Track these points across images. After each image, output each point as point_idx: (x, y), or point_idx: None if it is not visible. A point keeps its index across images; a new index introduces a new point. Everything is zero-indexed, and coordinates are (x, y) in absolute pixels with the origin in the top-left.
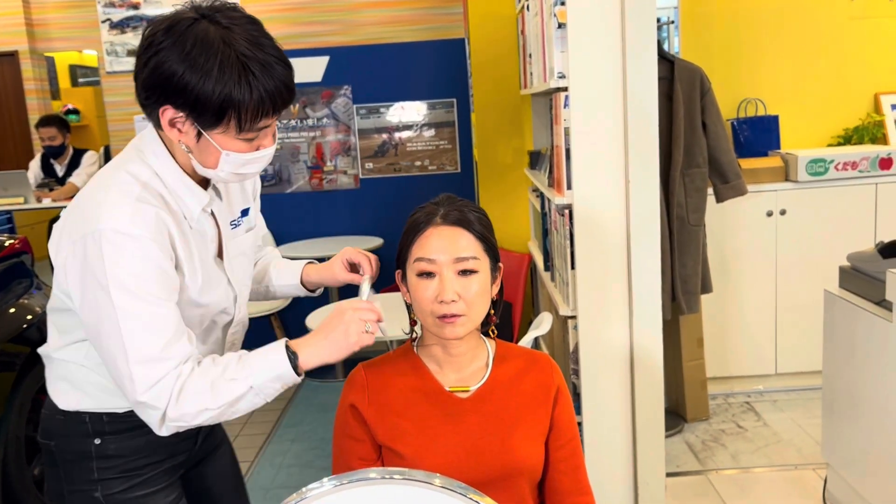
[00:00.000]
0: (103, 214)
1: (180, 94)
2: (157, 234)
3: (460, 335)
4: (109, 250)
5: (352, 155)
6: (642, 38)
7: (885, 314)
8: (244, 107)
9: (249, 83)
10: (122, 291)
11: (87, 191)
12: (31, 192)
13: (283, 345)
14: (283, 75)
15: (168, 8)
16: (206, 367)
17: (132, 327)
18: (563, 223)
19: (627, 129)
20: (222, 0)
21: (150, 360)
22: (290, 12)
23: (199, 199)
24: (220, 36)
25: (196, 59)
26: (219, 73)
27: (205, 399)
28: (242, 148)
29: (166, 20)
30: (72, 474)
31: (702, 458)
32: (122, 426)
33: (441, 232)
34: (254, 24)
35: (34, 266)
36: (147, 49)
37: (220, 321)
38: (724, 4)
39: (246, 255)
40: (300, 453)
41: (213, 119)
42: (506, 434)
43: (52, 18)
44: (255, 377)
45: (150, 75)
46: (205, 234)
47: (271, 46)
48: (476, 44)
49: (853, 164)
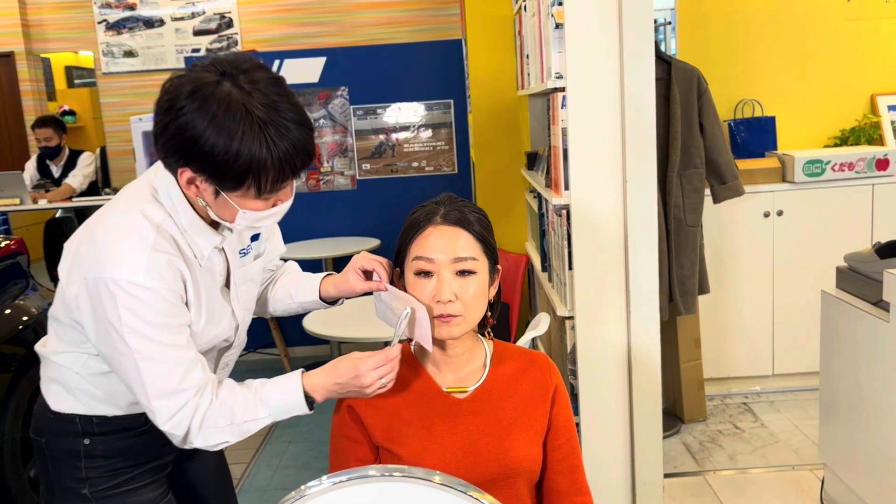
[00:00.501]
0: (118, 264)
1: (202, 159)
2: (170, 283)
3: (456, 335)
4: (124, 299)
5: (349, 156)
6: (639, 38)
7: (882, 315)
8: (264, 173)
9: (270, 151)
10: (138, 336)
11: (102, 226)
12: (27, 193)
13: (301, 389)
14: (302, 140)
15: (164, 10)
16: (225, 401)
17: (148, 367)
18: (561, 224)
19: (625, 129)
20: (245, 55)
21: (168, 393)
22: (288, 13)
23: (211, 240)
24: (241, 101)
25: (219, 127)
26: (240, 141)
27: (226, 435)
28: (260, 207)
29: (190, 82)
30: (60, 471)
31: (699, 458)
32: (110, 428)
33: (440, 231)
34: (275, 85)
35: (30, 267)
36: (169, 111)
37: (218, 346)
38: (721, 6)
39: (254, 281)
40: (297, 454)
41: (232, 184)
42: (503, 434)
43: (48, 19)
44: (273, 416)
45: (172, 139)
46: (214, 268)
47: (291, 110)
48: (473, 45)
49: (850, 165)
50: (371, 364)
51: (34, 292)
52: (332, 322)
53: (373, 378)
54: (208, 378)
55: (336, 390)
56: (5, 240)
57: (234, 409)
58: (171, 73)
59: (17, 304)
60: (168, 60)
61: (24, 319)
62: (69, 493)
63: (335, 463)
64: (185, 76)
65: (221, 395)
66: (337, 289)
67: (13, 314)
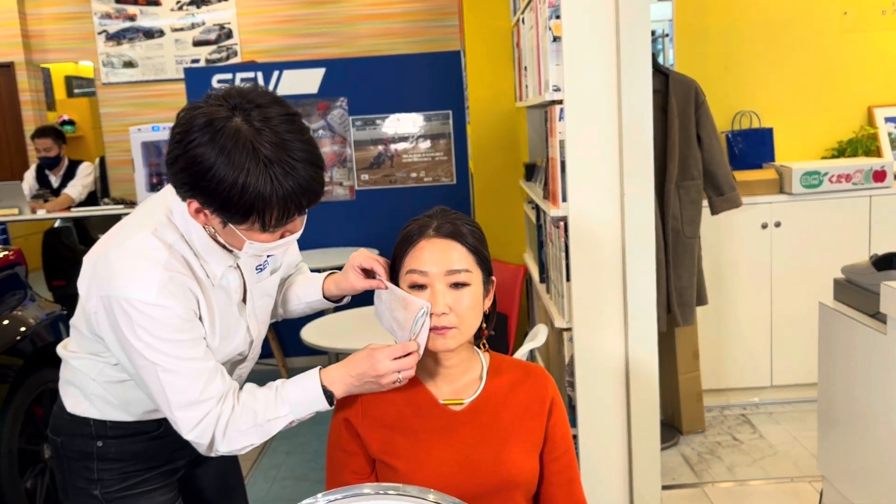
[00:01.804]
0: (131, 283)
1: (209, 192)
2: (182, 300)
3: (451, 347)
4: (138, 318)
5: (348, 166)
6: (637, 50)
7: (880, 327)
8: (269, 210)
9: (275, 189)
10: (155, 352)
11: (117, 244)
12: (25, 203)
13: (319, 384)
14: (308, 180)
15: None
16: (246, 404)
17: (169, 380)
18: (559, 235)
19: (622, 141)
20: (263, 90)
21: (190, 404)
22: (287, 24)
23: (224, 260)
24: (250, 138)
25: (227, 162)
26: (246, 176)
27: (250, 437)
28: (267, 239)
29: (203, 114)
30: (74, 471)
31: (698, 470)
32: (123, 432)
33: (434, 244)
34: (288, 122)
35: (28, 277)
36: (180, 143)
37: (233, 360)
38: (719, 17)
39: (270, 295)
40: (295, 466)
41: (238, 218)
42: (500, 447)
43: (48, 30)
44: (295, 413)
45: (183, 170)
46: (229, 286)
47: (301, 149)
48: (472, 56)
49: (847, 177)
50: (387, 353)
51: (32, 303)
52: (329, 333)
53: (388, 368)
54: (229, 386)
55: (353, 382)
56: (3, 250)
57: (255, 411)
58: (187, 104)
59: (15, 314)
60: (168, 71)
61: (22, 330)
62: (82, 493)
63: (331, 475)
64: (200, 108)
65: (243, 399)
66: (338, 287)
67: (11, 325)
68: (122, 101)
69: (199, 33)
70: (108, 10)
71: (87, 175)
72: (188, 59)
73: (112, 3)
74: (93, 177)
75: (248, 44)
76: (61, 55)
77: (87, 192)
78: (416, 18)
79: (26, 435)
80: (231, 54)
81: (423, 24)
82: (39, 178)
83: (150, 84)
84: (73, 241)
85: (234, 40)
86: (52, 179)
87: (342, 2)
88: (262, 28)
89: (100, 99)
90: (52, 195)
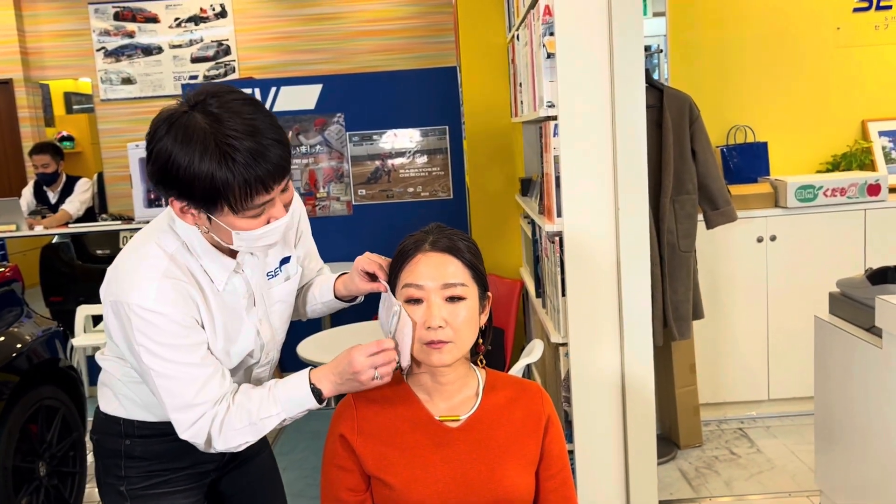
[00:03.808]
0: (132, 289)
1: (174, 182)
2: (181, 307)
3: (447, 362)
4: (138, 322)
5: (345, 181)
6: (631, 66)
7: (875, 340)
8: (230, 191)
9: (231, 168)
10: (152, 356)
11: (126, 252)
12: (23, 219)
13: (308, 383)
14: (262, 152)
15: (163, 37)
16: (241, 403)
17: (166, 384)
18: (554, 250)
19: (617, 156)
20: (226, 84)
21: (185, 406)
22: (284, 41)
23: (226, 266)
24: (206, 124)
25: (181, 149)
26: (199, 160)
27: (245, 435)
28: (251, 225)
29: (166, 113)
30: (106, 468)
31: (695, 485)
32: (149, 432)
33: (430, 258)
34: (247, 104)
35: (24, 294)
36: (149, 142)
37: (245, 364)
38: (713, 33)
39: (284, 301)
40: (291, 482)
41: (207, 204)
42: (496, 464)
43: (46, 47)
44: (286, 411)
45: (152, 167)
46: (235, 291)
47: (259, 127)
48: (467, 72)
49: (842, 191)
50: (363, 351)
51: (28, 319)
52: (325, 348)
53: (363, 365)
54: (226, 388)
55: (336, 381)
56: (0, 267)
57: (250, 411)
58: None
59: (11, 331)
60: (166, 87)
61: (18, 347)
62: (110, 488)
63: (326, 492)
64: (167, 108)
65: (238, 399)
66: (346, 288)
67: (7, 341)
68: (121, 117)
69: (197, 50)
70: (106, 28)
71: (85, 191)
72: (186, 76)
73: (111, 21)
74: (90, 192)
75: (246, 60)
76: (60, 72)
77: (85, 208)
78: (413, 35)
79: (21, 452)
80: (229, 70)
81: (420, 41)
82: (37, 194)
83: (149, 100)
84: (70, 257)
85: (231, 56)
86: (50, 195)
87: (340, 18)
88: (259, 44)
89: (98, 115)
90: (49, 211)
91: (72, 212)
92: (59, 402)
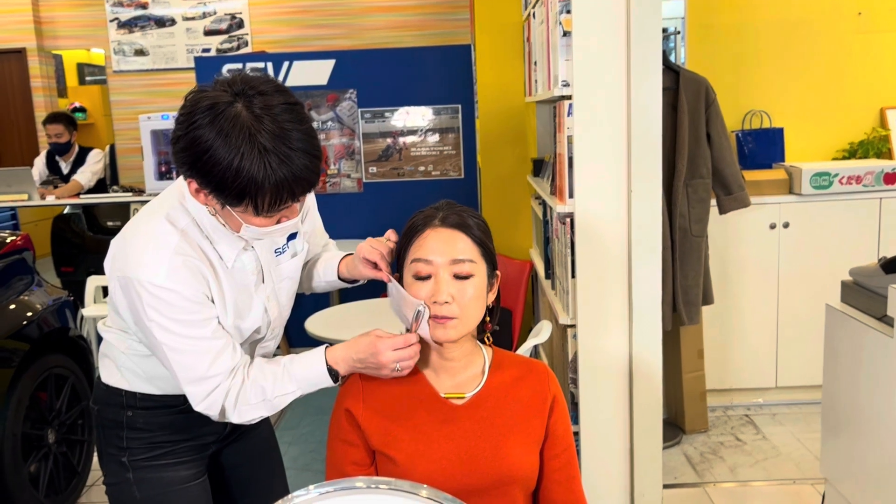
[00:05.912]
0: (142, 266)
1: (206, 173)
2: (192, 283)
3: (452, 338)
4: (149, 299)
5: (356, 159)
6: (648, 47)
7: (887, 330)
8: (261, 195)
9: (268, 176)
10: (165, 331)
11: (134, 227)
12: (35, 188)
13: (325, 362)
14: (303, 169)
15: (176, 9)
16: (256, 379)
17: (178, 358)
18: (565, 231)
19: (631, 138)
20: (270, 78)
21: (199, 379)
22: (297, 15)
23: (235, 243)
24: (249, 123)
25: (224, 145)
26: (240, 160)
27: (260, 410)
28: (264, 223)
29: (208, 97)
30: (107, 438)
31: (700, 470)
32: (151, 404)
33: (439, 234)
34: (289, 111)
35: (35, 263)
36: (184, 123)
37: (251, 339)
38: (732, 16)
39: (291, 278)
40: (297, 456)
41: (233, 200)
42: (500, 441)
43: (60, 16)
44: (302, 389)
45: (184, 150)
46: (244, 268)
47: (299, 139)
48: (482, 50)
49: (857, 179)
50: (389, 345)
51: (39, 288)
52: (333, 324)
53: (389, 359)
54: (239, 361)
55: (355, 365)
56: (11, 235)
57: (264, 387)
58: (195, 87)
59: (22, 299)
60: (178, 59)
61: (28, 315)
62: (112, 458)
63: (331, 466)
64: (206, 91)
65: (252, 374)
66: (349, 272)
67: (17, 310)
68: (133, 88)
69: (210, 23)
70: None
71: (97, 162)
72: (199, 49)
73: None
74: (102, 164)
75: (259, 34)
76: (73, 42)
77: (97, 180)
78: (427, 11)
79: (30, 420)
80: (242, 44)
81: (434, 18)
82: (49, 164)
83: (161, 73)
84: (81, 227)
85: (245, 30)
86: (63, 166)
87: None
88: (273, 18)
89: (111, 87)
90: (61, 181)
91: (83, 182)
92: (69, 371)
